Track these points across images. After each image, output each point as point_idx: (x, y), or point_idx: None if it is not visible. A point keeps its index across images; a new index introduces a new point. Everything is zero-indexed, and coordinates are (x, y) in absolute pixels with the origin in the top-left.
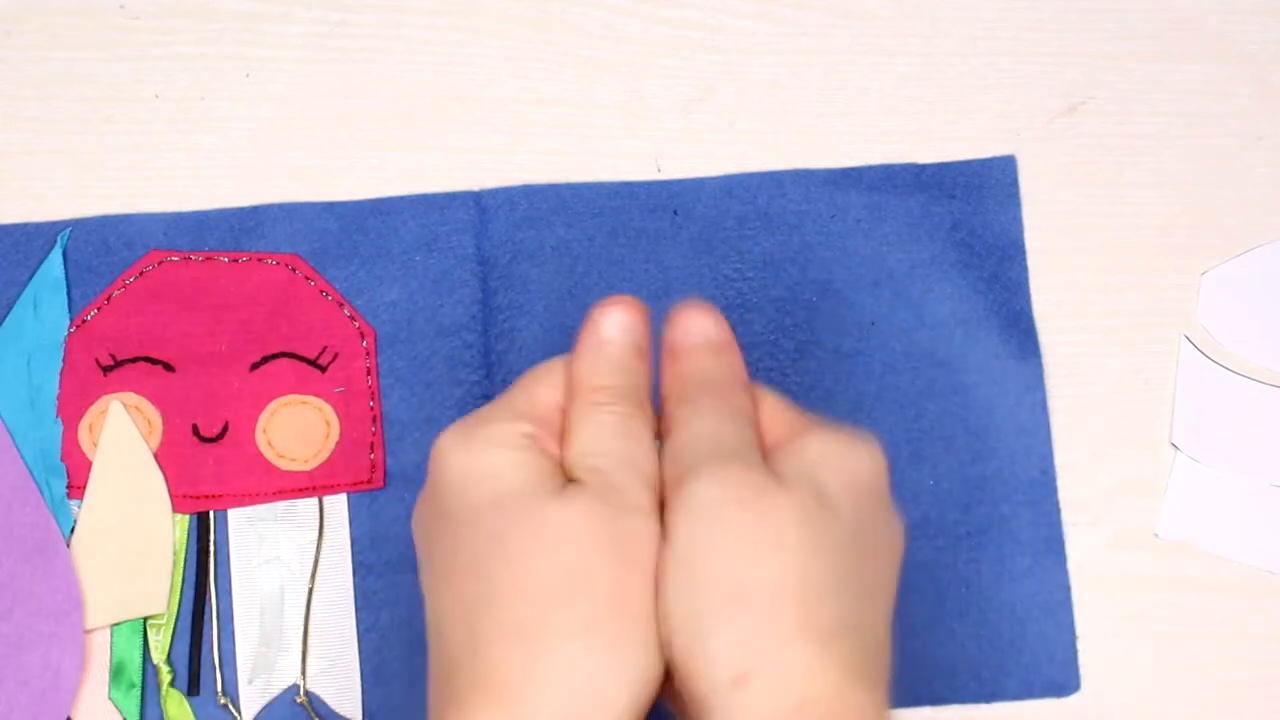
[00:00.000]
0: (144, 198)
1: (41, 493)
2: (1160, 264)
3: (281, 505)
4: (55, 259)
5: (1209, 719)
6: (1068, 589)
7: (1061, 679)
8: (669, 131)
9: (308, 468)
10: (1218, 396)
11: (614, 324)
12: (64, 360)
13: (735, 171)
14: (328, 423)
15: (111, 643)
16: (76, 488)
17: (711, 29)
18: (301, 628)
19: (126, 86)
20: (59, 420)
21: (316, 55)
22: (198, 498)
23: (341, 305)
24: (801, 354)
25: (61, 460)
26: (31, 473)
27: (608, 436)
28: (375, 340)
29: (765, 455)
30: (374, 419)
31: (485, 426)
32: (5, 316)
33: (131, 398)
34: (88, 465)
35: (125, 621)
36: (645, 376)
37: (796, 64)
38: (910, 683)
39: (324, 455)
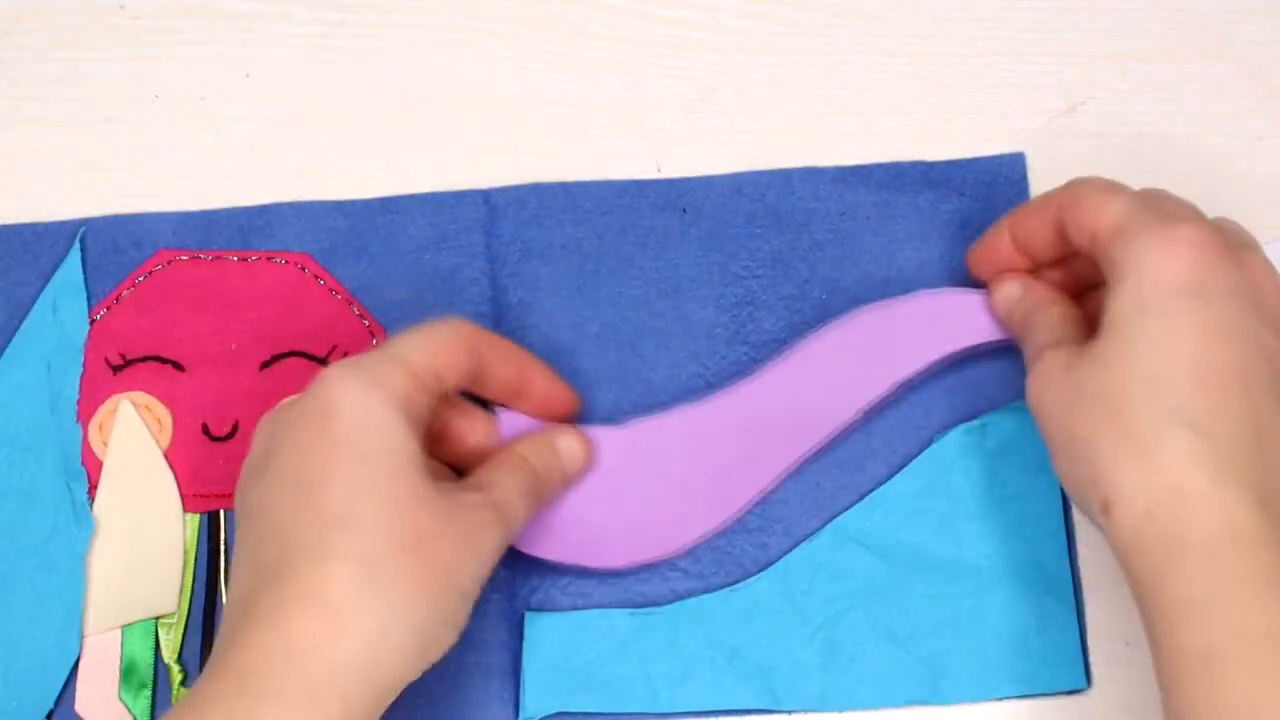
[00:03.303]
0: (144, 197)
1: (63, 497)
2: None
3: None
4: (74, 262)
5: None
6: (1077, 586)
7: (1070, 677)
8: (669, 131)
9: None
10: None
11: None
12: None
13: (737, 170)
14: None
15: (123, 643)
16: (94, 487)
17: (711, 29)
18: None
19: (126, 86)
20: (79, 424)
21: (316, 55)
22: (208, 497)
23: (351, 304)
24: None
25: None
26: (53, 477)
27: (516, 487)
28: (385, 338)
29: None
30: None
31: (378, 368)
32: (19, 317)
33: (141, 397)
34: (98, 465)
35: (136, 621)
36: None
37: (796, 64)
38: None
39: None
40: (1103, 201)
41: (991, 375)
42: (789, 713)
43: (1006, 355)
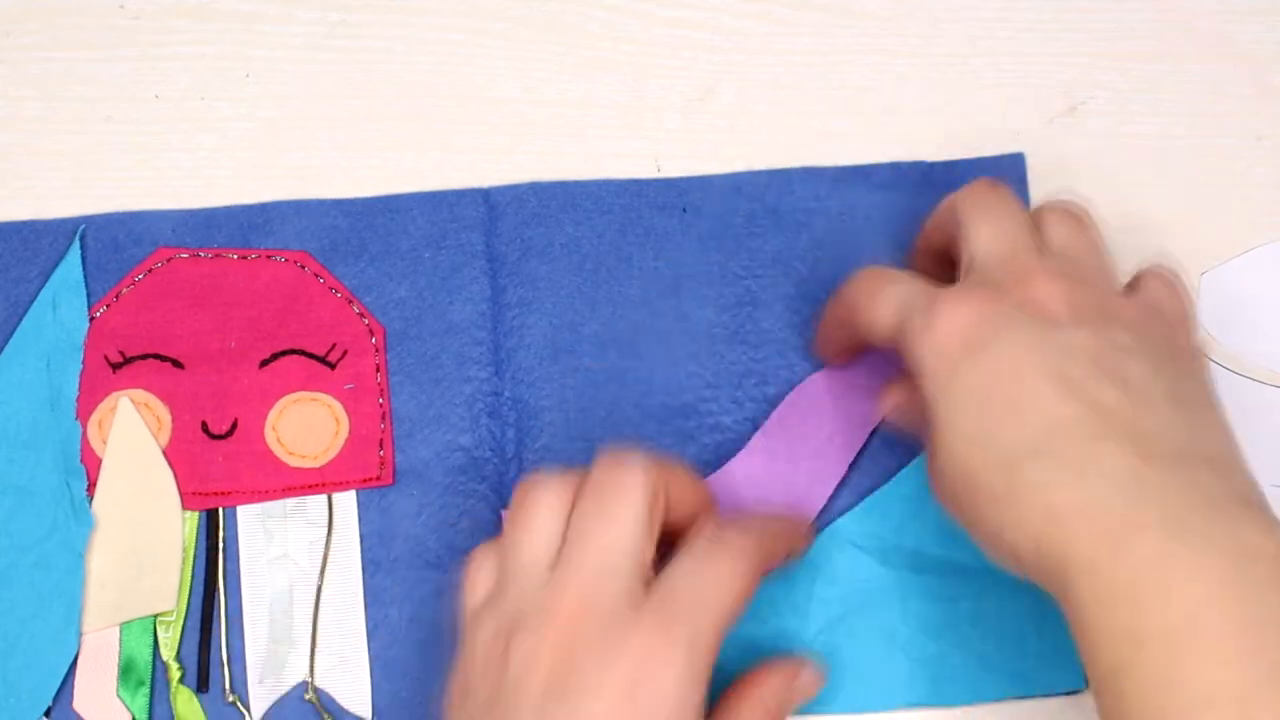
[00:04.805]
0: (144, 198)
1: (62, 494)
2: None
3: (291, 502)
4: (74, 259)
5: None
6: None
7: (1069, 678)
8: (669, 131)
9: (317, 464)
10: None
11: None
12: None
13: (737, 170)
14: (337, 420)
15: (120, 640)
16: (94, 485)
17: (711, 29)
18: (310, 625)
19: (126, 86)
20: (78, 422)
21: (316, 55)
22: (207, 495)
23: (351, 302)
24: (810, 352)
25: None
26: (52, 474)
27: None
28: (384, 337)
29: None
30: (383, 416)
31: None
32: (19, 315)
33: (140, 395)
34: (97, 462)
35: (134, 619)
36: None
37: (796, 64)
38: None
39: (333, 452)
40: (871, 304)
41: None
42: (789, 716)
43: None
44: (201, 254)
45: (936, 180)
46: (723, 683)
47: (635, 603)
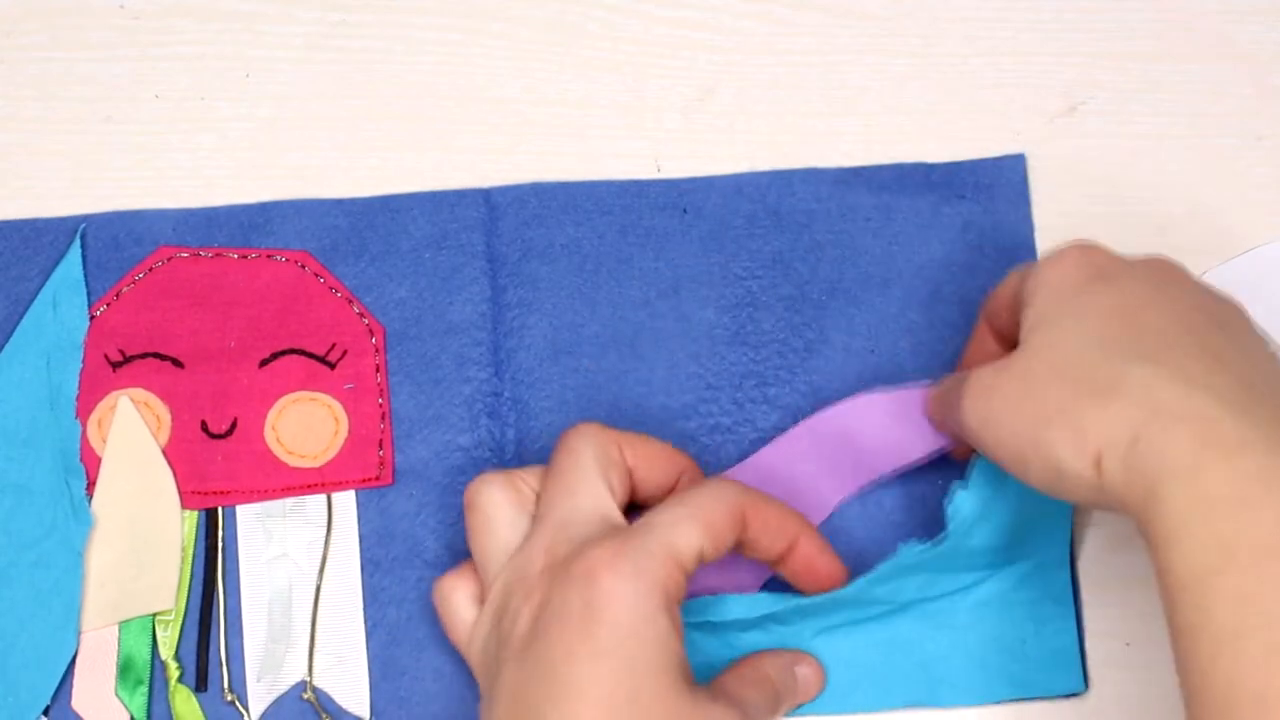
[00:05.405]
0: (144, 198)
1: (61, 493)
2: None
3: (290, 502)
4: (74, 258)
5: None
6: (1076, 590)
7: (1068, 681)
8: (669, 132)
9: (316, 464)
10: None
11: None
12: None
13: (736, 171)
14: (336, 419)
15: (119, 639)
16: (93, 484)
17: (711, 29)
18: (309, 624)
19: (126, 86)
20: (78, 420)
21: (316, 55)
22: (206, 494)
23: (351, 302)
24: (810, 353)
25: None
26: (51, 473)
27: (763, 707)
28: (384, 337)
29: None
30: (383, 416)
31: (649, 565)
32: (19, 313)
33: (140, 394)
34: (97, 461)
35: (133, 618)
36: None
37: (796, 64)
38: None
39: (333, 452)
40: (1002, 284)
41: None
42: (786, 715)
43: None
44: (202, 253)
45: (937, 182)
46: None
47: (597, 542)
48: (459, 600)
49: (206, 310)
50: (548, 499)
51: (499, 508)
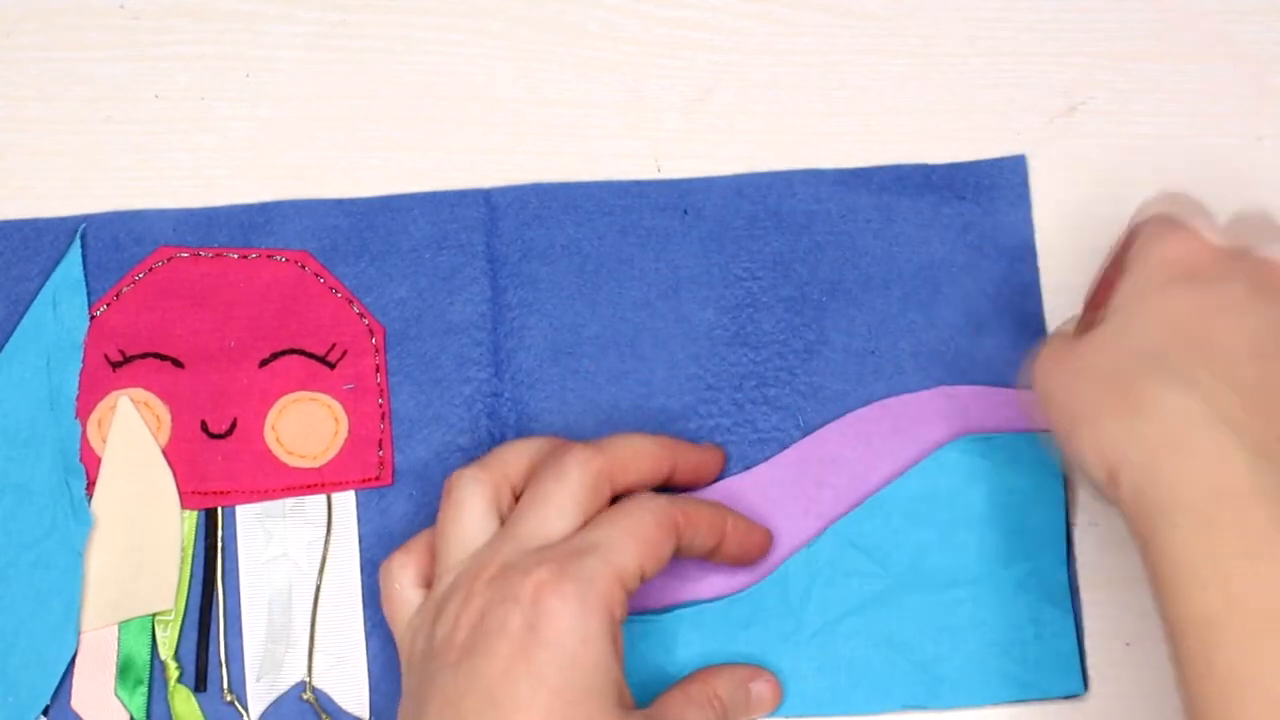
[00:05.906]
0: (144, 198)
1: (61, 493)
2: None
3: (290, 502)
4: (74, 258)
5: None
6: (1075, 592)
7: (1067, 683)
8: (669, 131)
9: (316, 464)
10: None
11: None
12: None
13: (736, 171)
14: (336, 419)
15: (119, 639)
16: (93, 484)
17: (711, 29)
18: (309, 624)
19: (126, 86)
20: (78, 420)
21: (316, 55)
22: (206, 494)
23: (351, 302)
24: (811, 354)
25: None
26: (51, 473)
27: None
28: (384, 337)
29: None
30: (383, 416)
31: (592, 585)
32: (19, 313)
33: (140, 394)
34: (96, 461)
35: (133, 618)
36: None
37: (796, 64)
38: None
39: (332, 452)
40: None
41: None
42: (785, 718)
43: None
44: (202, 253)
45: (937, 183)
46: None
47: (539, 561)
48: (405, 580)
49: (206, 310)
50: (520, 513)
51: (472, 503)
